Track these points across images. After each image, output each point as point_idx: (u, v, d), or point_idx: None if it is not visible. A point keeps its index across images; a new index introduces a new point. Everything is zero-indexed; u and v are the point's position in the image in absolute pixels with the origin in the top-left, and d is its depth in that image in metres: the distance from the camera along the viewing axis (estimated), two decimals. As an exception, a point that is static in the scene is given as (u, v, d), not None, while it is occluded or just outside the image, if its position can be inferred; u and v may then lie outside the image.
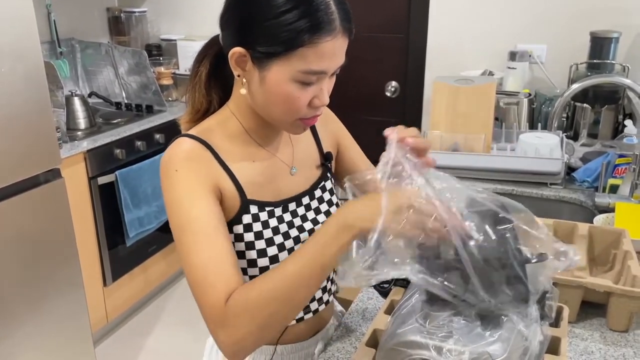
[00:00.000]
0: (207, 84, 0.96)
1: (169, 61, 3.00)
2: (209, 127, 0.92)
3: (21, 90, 1.76)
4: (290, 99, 0.83)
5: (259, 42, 0.81)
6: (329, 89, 0.86)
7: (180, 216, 0.83)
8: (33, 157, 1.84)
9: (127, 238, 2.48)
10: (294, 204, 0.97)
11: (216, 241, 0.81)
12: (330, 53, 0.80)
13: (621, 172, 1.60)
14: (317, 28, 0.78)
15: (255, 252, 0.91)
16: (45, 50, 2.60)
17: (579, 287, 1.03)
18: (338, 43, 0.81)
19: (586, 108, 2.00)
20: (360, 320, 1.08)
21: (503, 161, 1.70)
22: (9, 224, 1.79)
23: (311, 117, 0.87)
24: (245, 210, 0.90)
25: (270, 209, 0.93)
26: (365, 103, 2.79)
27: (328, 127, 1.09)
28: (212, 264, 0.79)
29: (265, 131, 0.95)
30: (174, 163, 0.85)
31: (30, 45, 1.78)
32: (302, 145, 1.02)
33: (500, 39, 2.37)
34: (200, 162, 0.87)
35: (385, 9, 2.63)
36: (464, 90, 1.82)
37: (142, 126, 2.53)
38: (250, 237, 0.91)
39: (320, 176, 1.03)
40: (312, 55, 0.79)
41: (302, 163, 1.01)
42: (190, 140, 0.88)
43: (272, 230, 0.92)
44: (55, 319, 2.00)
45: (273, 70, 0.81)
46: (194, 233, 0.81)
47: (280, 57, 0.80)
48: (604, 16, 2.18)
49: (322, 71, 0.82)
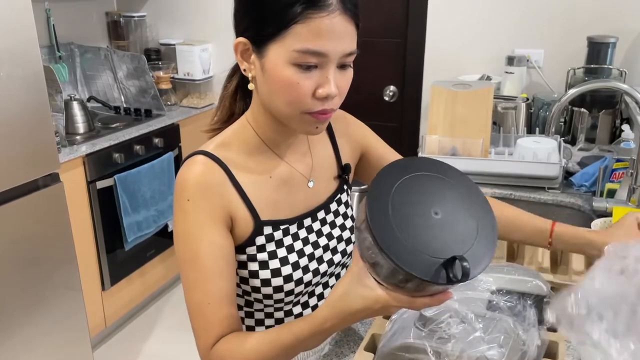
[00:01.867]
0: (234, 97, 0.96)
1: (168, 65, 3.01)
2: (225, 139, 0.90)
3: (20, 95, 1.77)
4: (291, 86, 0.78)
5: (256, 27, 0.80)
6: (338, 82, 0.80)
7: (188, 251, 0.83)
8: (32, 162, 1.84)
9: (126, 242, 2.48)
10: (309, 219, 0.95)
11: (218, 283, 0.83)
12: (328, 31, 0.76)
13: (619, 177, 1.61)
14: (309, 0, 0.75)
15: (269, 271, 0.89)
16: (44, 54, 2.60)
17: (577, 291, 1.03)
18: (337, 22, 0.76)
19: (584, 113, 2.01)
20: (358, 325, 1.08)
21: (501, 165, 1.71)
22: (7, 228, 1.79)
23: (320, 112, 0.81)
24: (258, 232, 0.89)
25: (285, 226, 0.91)
26: (364, 107, 2.77)
27: (349, 133, 1.05)
28: (209, 308, 0.82)
29: (282, 140, 0.92)
30: (187, 190, 0.84)
31: (29, 49, 1.79)
32: (321, 156, 0.99)
33: (498, 44, 2.39)
34: (213, 189, 0.84)
35: (383, 14, 2.64)
36: (461, 95, 1.83)
37: (141, 130, 2.53)
38: (264, 257, 0.89)
39: (337, 189, 1.01)
40: (307, 33, 0.75)
41: (320, 175, 0.98)
42: (204, 160, 0.86)
43: (287, 248, 0.91)
44: (54, 323, 2.00)
45: (270, 54, 0.79)
46: (198, 271, 0.82)
47: (276, 38, 0.77)
48: (601, 21, 2.19)
49: (319, 51, 0.76)
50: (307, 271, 0.92)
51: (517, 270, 0.87)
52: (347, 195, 1.04)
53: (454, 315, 0.75)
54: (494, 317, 0.76)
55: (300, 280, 0.91)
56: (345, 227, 1.00)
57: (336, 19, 0.76)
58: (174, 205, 0.86)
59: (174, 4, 3.07)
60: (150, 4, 3.13)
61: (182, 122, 2.79)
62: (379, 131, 1.14)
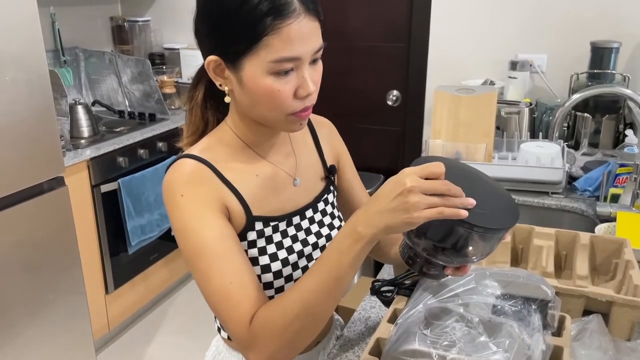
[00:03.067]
0: (204, 106, 0.96)
1: (172, 70, 3.02)
2: (208, 144, 0.91)
3: (26, 99, 1.78)
4: (272, 94, 0.80)
5: (226, 44, 0.81)
6: (313, 78, 0.83)
7: (191, 243, 0.82)
8: (37, 165, 1.85)
9: (129, 246, 2.49)
10: (298, 217, 0.97)
11: (233, 262, 0.81)
12: (297, 37, 0.78)
13: (622, 182, 1.61)
14: (274, 11, 0.76)
15: (260, 267, 0.91)
16: (49, 58, 2.61)
17: (581, 296, 1.03)
18: (304, 24, 0.78)
19: (587, 117, 2.01)
20: (363, 329, 1.08)
21: (504, 170, 1.71)
22: (12, 231, 1.80)
23: (302, 110, 0.84)
24: (250, 227, 0.90)
25: (274, 223, 0.93)
26: (367, 112, 2.80)
27: (331, 142, 1.08)
28: (232, 286, 0.80)
29: (265, 141, 0.94)
30: (178, 188, 0.84)
31: (35, 54, 1.80)
32: (305, 156, 1.02)
33: (501, 49, 2.39)
34: (204, 183, 0.86)
35: (386, 19, 2.65)
36: (465, 100, 1.83)
37: (145, 134, 2.54)
38: (254, 252, 0.90)
39: (324, 189, 1.03)
40: (278, 43, 0.77)
41: (305, 175, 1.00)
42: (190, 161, 0.87)
43: (276, 245, 0.92)
44: (57, 326, 2.01)
45: (246, 68, 0.80)
46: (208, 258, 0.81)
47: (249, 52, 0.79)
48: (604, 26, 2.19)
49: (293, 57, 0.79)
50: (296, 268, 0.93)
51: (521, 274, 0.87)
52: (333, 196, 1.06)
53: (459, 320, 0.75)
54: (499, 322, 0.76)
55: (289, 277, 0.93)
56: (334, 226, 1.02)
57: (302, 22, 0.78)
58: (167, 209, 0.85)
59: (178, 9, 3.09)
60: (154, 9, 3.14)
61: (186, 126, 2.79)
62: (382, 135, 1.15)
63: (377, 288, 1.00)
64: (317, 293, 0.75)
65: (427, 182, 0.68)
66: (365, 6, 2.67)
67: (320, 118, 1.09)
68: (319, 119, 1.08)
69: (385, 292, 1.00)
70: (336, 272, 0.74)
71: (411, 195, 0.67)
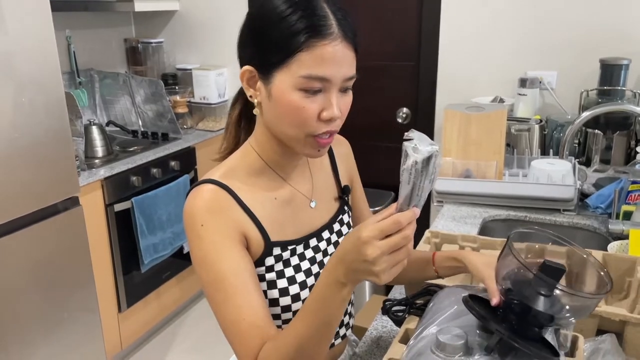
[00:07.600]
0: (238, 124, 1.00)
1: (184, 90, 3.07)
2: (231, 165, 0.93)
3: (42, 120, 1.81)
4: (297, 110, 0.82)
5: (261, 55, 0.84)
6: (340, 105, 0.84)
7: (210, 273, 0.84)
8: (53, 186, 1.88)
9: (142, 264, 2.50)
10: (315, 239, 0.98)
11: (248, 299, 0.83)
12: (330, 58, 0.80)
13: (634, 199, 1.60)
14: (312, 30, 0.79)
15: (277, 291, 0.92)
16: (64, 80, 2.66)
17: (594, 316, 1.02)
18: (338, 49, 0.81)
19: (598, 134, 2.01)
20: (374, 349, 1.08)
21: (515, 188, 1.71)
22: (27, 252, 1.82)
23: (323, 135, 0.85)
24: (268, 253, 0.91)
25: (292, 247, 0.94)
26: (377, 129, 2.82)
27: (348, 162, 1.10)
28: (245, 323, 0.82)
29: (286, 162, 0.95)
30: (199, 216, 0.86)
31: (52, 77, 1.84)
32: (321, 178, 1.03)
33: (511, 66, 2.40)
34: (223, 212, 0.87)
35: (396, 38, 2.68)
36: (475, 118, 1.84)
37: (158, 154, 2.57)
38: (272, 276, 0.92)
39: (338, 209, 1.04)
40: (310, 60, 0.80)
41: (321, 196, 1.02)
42: (210, 187, 0.88)
43: (294, 268, 0.93)
44: (71, 345, 2.02)
45: (277, 81, 0.83)
46: (224, 290, 0.83)
47: (281, 65, 0.81)
48: (613, 43, 2.20)
49: (323, 77, 0.81)
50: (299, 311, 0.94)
51: None
52: (348, 216, 1.07)
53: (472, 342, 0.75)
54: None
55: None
56: None
57: (338, 46, 0.81)
58: (187, 235, 0.88)
59: (191, 31, 3.15)
60: (167, 31, 3.20)
61: (198, 145, 2.83)
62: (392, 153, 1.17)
63: (388, 307, 1.01)
64: (310, 338, 0.77)
65: (387, 245, 0.68)
66: (376, 26, 2.70)
67: (339, 137, 1.10)
68: (337, 137, 1.09)
69: (396, 311, 1.00)
70: (324, 317, 0.76)
71: (377, 263, 0.68)
